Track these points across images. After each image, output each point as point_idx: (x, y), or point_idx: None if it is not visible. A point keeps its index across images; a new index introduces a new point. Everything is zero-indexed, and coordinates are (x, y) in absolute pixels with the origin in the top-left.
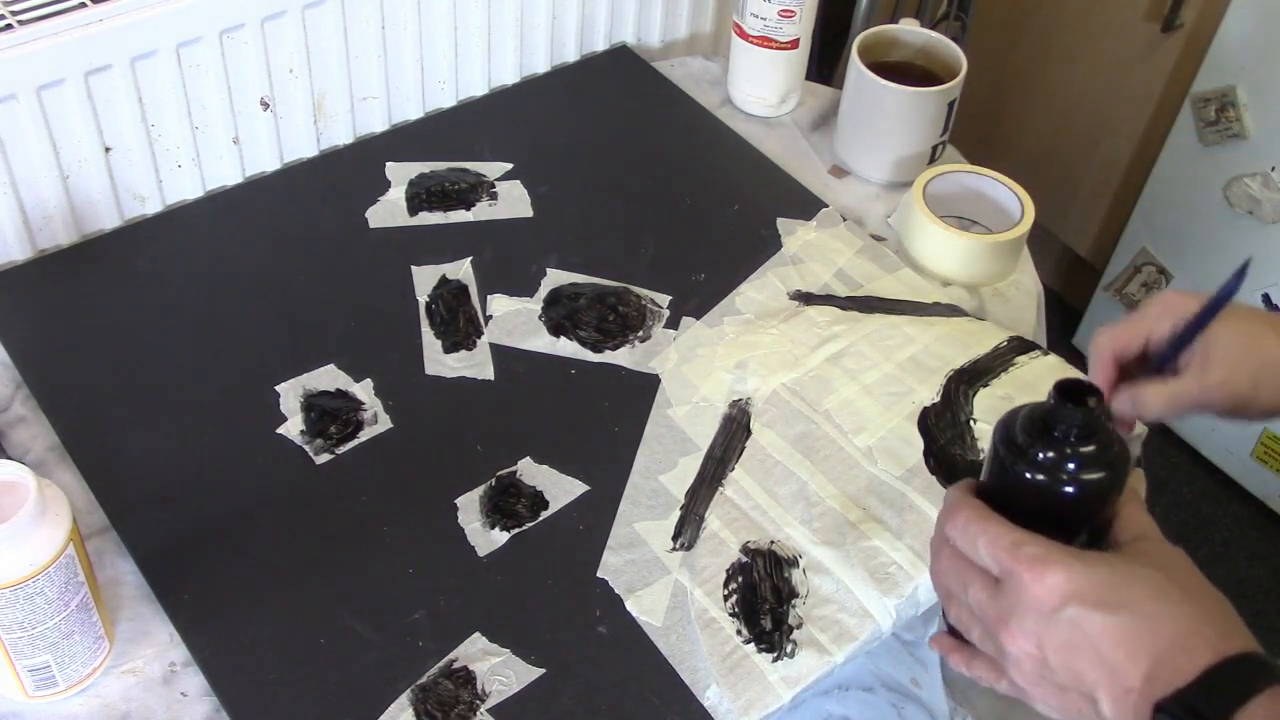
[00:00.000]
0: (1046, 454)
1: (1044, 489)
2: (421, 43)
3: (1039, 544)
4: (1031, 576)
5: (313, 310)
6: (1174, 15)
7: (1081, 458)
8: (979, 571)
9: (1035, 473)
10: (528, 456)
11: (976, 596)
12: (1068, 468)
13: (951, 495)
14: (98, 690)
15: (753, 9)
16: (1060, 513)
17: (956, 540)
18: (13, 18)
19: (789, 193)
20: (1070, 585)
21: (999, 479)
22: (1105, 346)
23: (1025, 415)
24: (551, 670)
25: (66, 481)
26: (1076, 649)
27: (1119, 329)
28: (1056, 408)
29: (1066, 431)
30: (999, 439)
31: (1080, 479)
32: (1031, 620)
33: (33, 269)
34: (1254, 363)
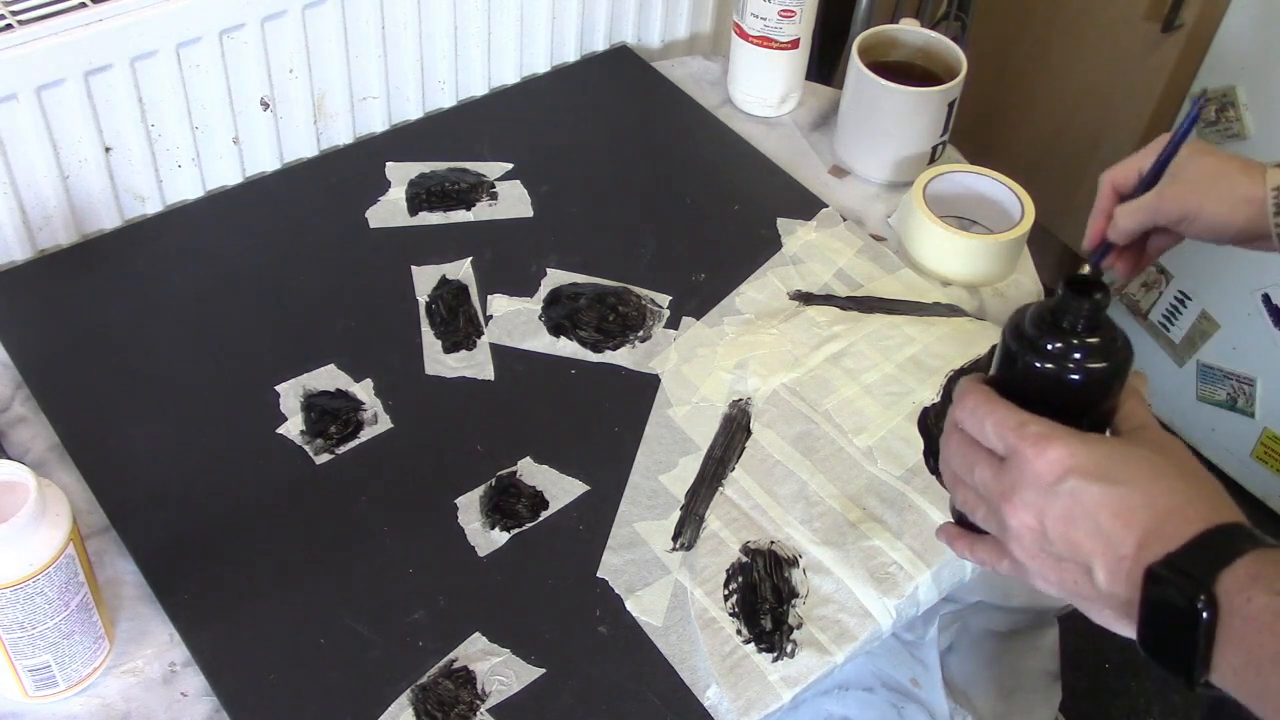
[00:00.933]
0: (1055, 344)
1: (1051, 376)
2: (421, 43)
3: (1043, 424)
4: (1034, 452)
5: (313, 310)
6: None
7: (1087, 347)
8: (985, 452)
9: (1044, 361)
10: (528, 456)
11: (982, 475)
12: (1074, 356)
13: (962, 384)
14: (98, 690)
15: (753, 9)
16: (1066, 399)
17: (965, 423)
18: (13, 18)
19: (789, 193)
20: (1071, 459)
21: (1008, 370)
22: (1106, 180)
23: (1034, 310)
24: (551, 670)
25: (66, 481)
26: (1074, 520)
27: (1117, 166)
28: (1065, 299)
29: (1074, 322)
30: (1009, 333)
31: (1086, 366)
32: (1033, 493)
33: (33, 269)
34: (1208, 183)
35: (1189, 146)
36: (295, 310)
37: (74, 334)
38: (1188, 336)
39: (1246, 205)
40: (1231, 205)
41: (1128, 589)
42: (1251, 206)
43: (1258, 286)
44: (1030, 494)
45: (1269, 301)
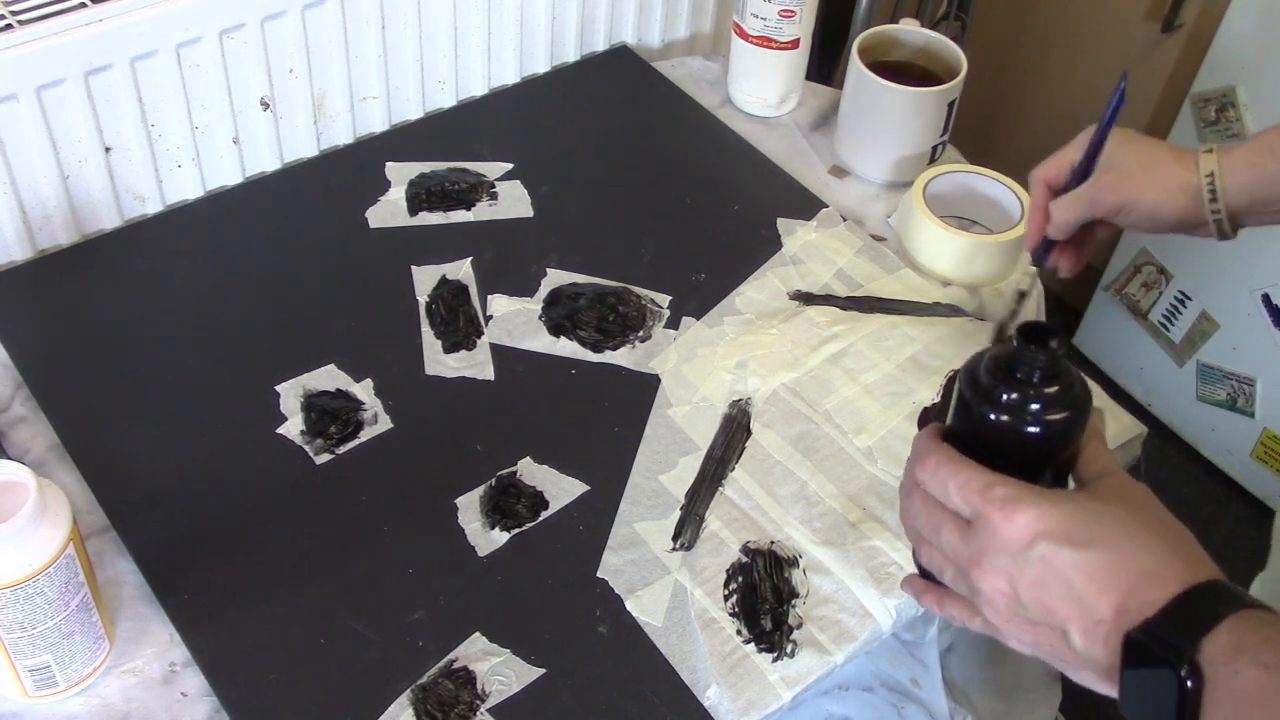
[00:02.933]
0: (1010, 395)
1: (1009, 430)
2: (421, 43)
3: (1009, 485)
4: (1002, 516)
5: (313, 310)
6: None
7: (1045, 398)
8: (950, 514)
9: (1000, 414)
10: (528, 456)
11: (949, 539)
12: (1031, 408)
13: (920, 441)
14: (98, 690)
15: (753, 9)
16: (1025, 452)
17: (928, 484)
18: (13, 18)
19: (789, 193)
20: (1040, 523)
21: (965, 421)
22: (1038, 174)
23: (990, 358)
24: (551, 670)
25: (66, 481)
26: (1047, 585)
27: (1047, 162)
28: (1019, 350)
29: (1030, 373)
30: (965, 382)
31: (1044, 419)
32: (1003, 558)
33: (33, 269)
34: (1143, 172)
35: (1116, 136)
36: (295, 310)
37: (74, 334)
38: (1188, 336)
39: (1182, 193)
40: (1168, 193)
41: (1106, 654)
42: (1187, 194)
43: (1258, 286)
44: (1000, 559)
45: (1269, 301)
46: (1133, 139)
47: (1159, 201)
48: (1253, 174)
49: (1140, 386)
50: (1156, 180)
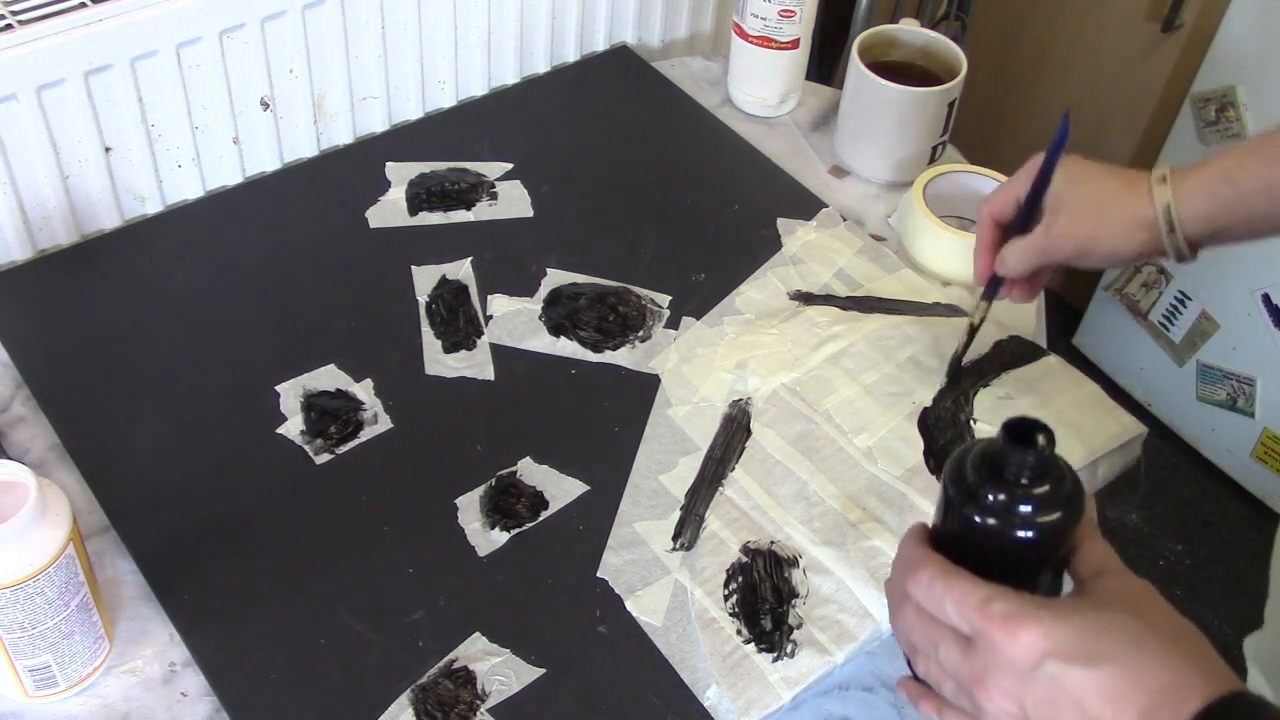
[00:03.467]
0: (999, 497)
1: (1000, 534)
2: (421, 43)
3: (1008, 599)
4: (1004, 635)
5: (313, 310)
6: (1174, 15)
7: (1036, 500)
8: (948, 629)
9: (989, 517)
10: (528, 456)
11: (948, 655)
12: (1022, 511)
13: (908, 550)
14: (98, 690)
15: (753, 9)
16: (1018, 556)
17: (921, 600)
18: (13, 18)
19: (789, 193)
20: (1046, 641)
21: (953, 523)
22: (984, 211)
23: (975, 456)
24: (551, 670)
25: (66, 481)
26: (1059, 705)
27: (994, 194)
28: (1006, 451)
29: (1018, 474)
30: (950, 482)
31: (1036, 522)
32: (1009, 679)
33: (33, 269)
34: (1095, 212)
35: (1063, 170)
36: (295, 310)
37: (74, 334)
38: (1188, 336)
39: (1139, 229)
40: (1125, 231)
41: None
42: (1144, 229)
43: (1258, 286)
44: (1006, 679)
45: (1269, 301)
46: (1080, 174)
47: (1116, 243)
48: (1211, 202)
49: (1140, 386)
50: (1111, 220)
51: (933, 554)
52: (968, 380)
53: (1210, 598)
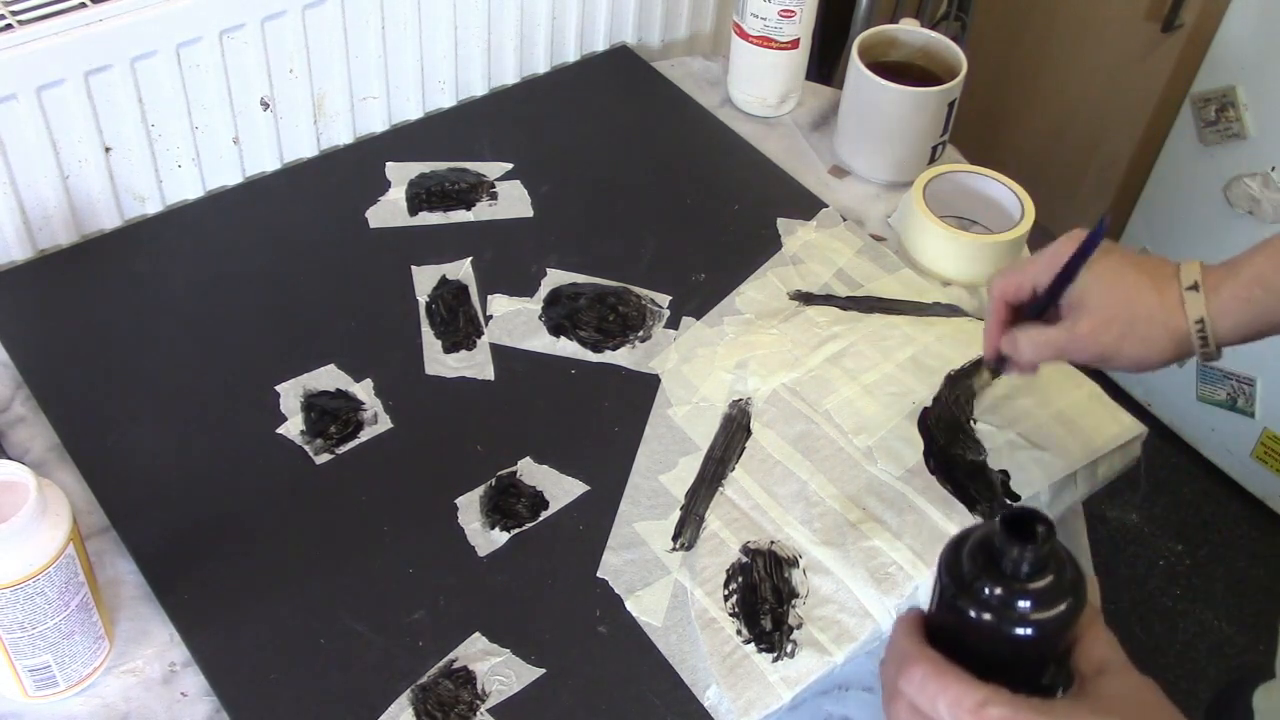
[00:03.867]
0: (995, 591)
1: (996, 630)
2: (421, 43)
3: (1003, 703)
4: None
5: (313, 310)
6: (1174, 15)
7: (1034, 595)
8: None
9: (985, 612)
10: (528, 456)
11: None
12: (1019, 607)
13: (902, 642)
14: (98, 690)
15: (753, 9)
16: (1016, 653)
17: (914, 698)
18: (13, 18)
19: (789, 193)
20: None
21: (948, 615)
22: (996, 290)
23: (972, 544)
24: (551, 670)
25: (66, 481)
26: None
27: (1010, 274)
28: (1003, 545)
29: (1015, 568)
30: (945, 571)
31: (1034, 619)
32: None
33: (33, 269)
34: (1123, 319)
35: (1090, 265)
36: (295, 310)
37: (74, 334)
38: None
39: (1170, 342)
40: (1154, 344)
41: None
42: (1174, 341)
43: None
44: None
45: None
46: (1109, 276)
47: (1143, 354)
48: (1248, 310)
49: (1140, 386)
50: (1140, 333)
51: (927, 650)
52: (968, 380)
53: (1210, 598)
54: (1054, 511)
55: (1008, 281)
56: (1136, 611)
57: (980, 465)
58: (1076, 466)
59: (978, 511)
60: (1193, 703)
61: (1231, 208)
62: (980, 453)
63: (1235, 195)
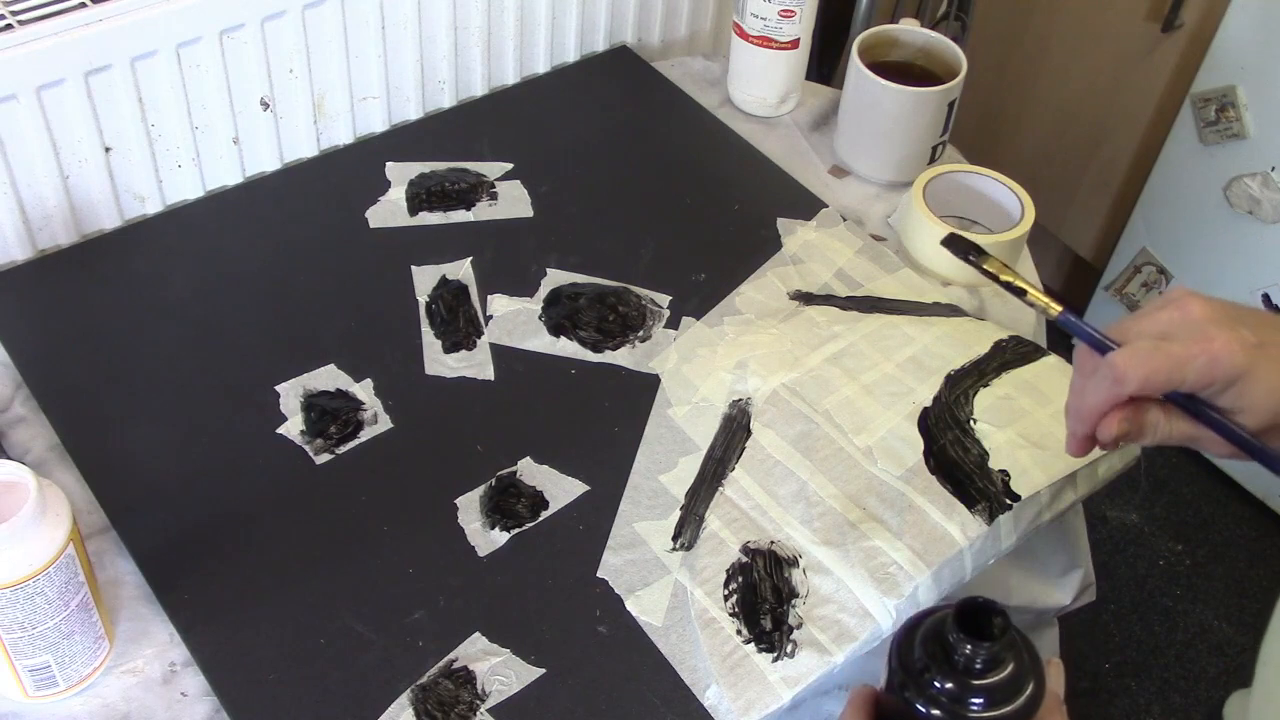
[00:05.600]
0: (945, 686)
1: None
2: (421, 43)
3: None
4: None
5: (313, 310)
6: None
7: (986, 691)
8: None
9: (933, 707)
10: (528, 456)
11: None
12: (972, 704)
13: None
14: (98, 690)
15: (753, 9)
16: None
17: None
18: (13, 18)
19: (789, 193)
20: None
21: (898, 701)
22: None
23: (925, 630)
24: (551, 670)
25: (66, 481)
26: None
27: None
28: (955, 640)
29: (969, 664)
30: (895, 654)
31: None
32: None
33: (33, 269)
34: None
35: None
36: (295, 310)
37: (74, 334)
38: None
39: None
40: None
41: None
42: None
43: (1258, 286)
44: None
45: (1269, 301)
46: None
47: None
48: None
49: None
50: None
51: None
52: (968, 380)
53: (1210, 598)
54: (1054, 511)
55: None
56: (1137, 611)
57: (980, 465)
58: (1076, 466)
59: (977, 511)
60: (1193, 702)
61: (1231, 208)
62: (980, 453)
63: (1235, 195)
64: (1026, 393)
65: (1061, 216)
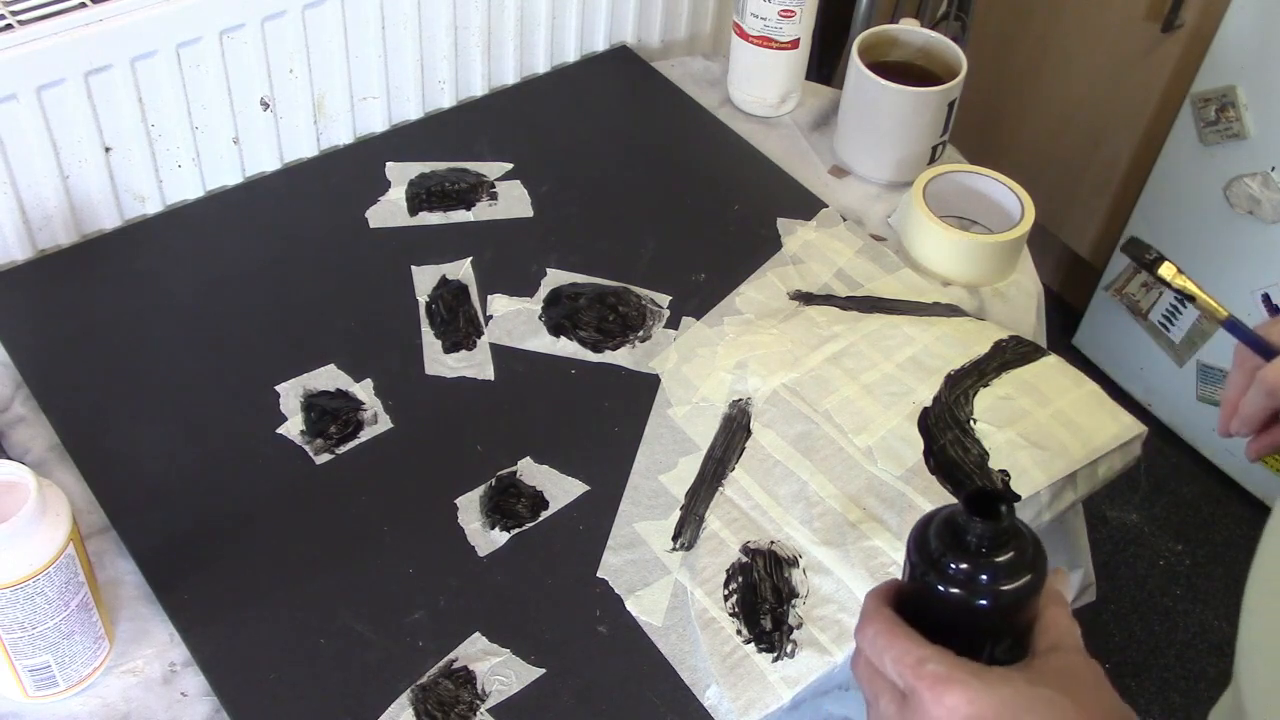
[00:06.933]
0: (958, 565)
1: (957, 601)
2: (421, 43)
3: (942, 661)
4: (932, 696)
5: (313, 310)
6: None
7: (995, 568)
8: (889, 683)
9: (948, 585)
10: (528, 456)
11: (886, 709)
12: (980, 579)
13: (866, 603)
14: (98, 690)
15: (753, 9)
16: (974, 622)
17: (866, 652)
18: (13, 18)
19: (789, 193)
20: (969, 707)
21: (914, 585)
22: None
23: (939, 522)
24: (551, 670)
25: (66, 481)
26: None
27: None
28: (966, 520)
29: (978, 542)
30: (912, 545)
31: (994, 589)
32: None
33: (33, 269)
34: None
35: None
36: (295, 310)
37: (74, 334)
38: (1188, 336)
39: None
40: None
41: None
42: None
43: (1258, 286)
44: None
45: (1269, 301)
46: None
47: None
48: None
49: (1140, 386)
50: None
51: (884, 610)
52: (968, 380)
53: (1210, 598)
54: (1054, 511)
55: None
56: (1137, 611)
57: (980, 465)
58: (1076, 466)
59: None
60: (1193, 702)
61: (1231, 208)
62: (980, 453)
63: (1235, 195)
64: (1026, 393)
65: (1061, 216)
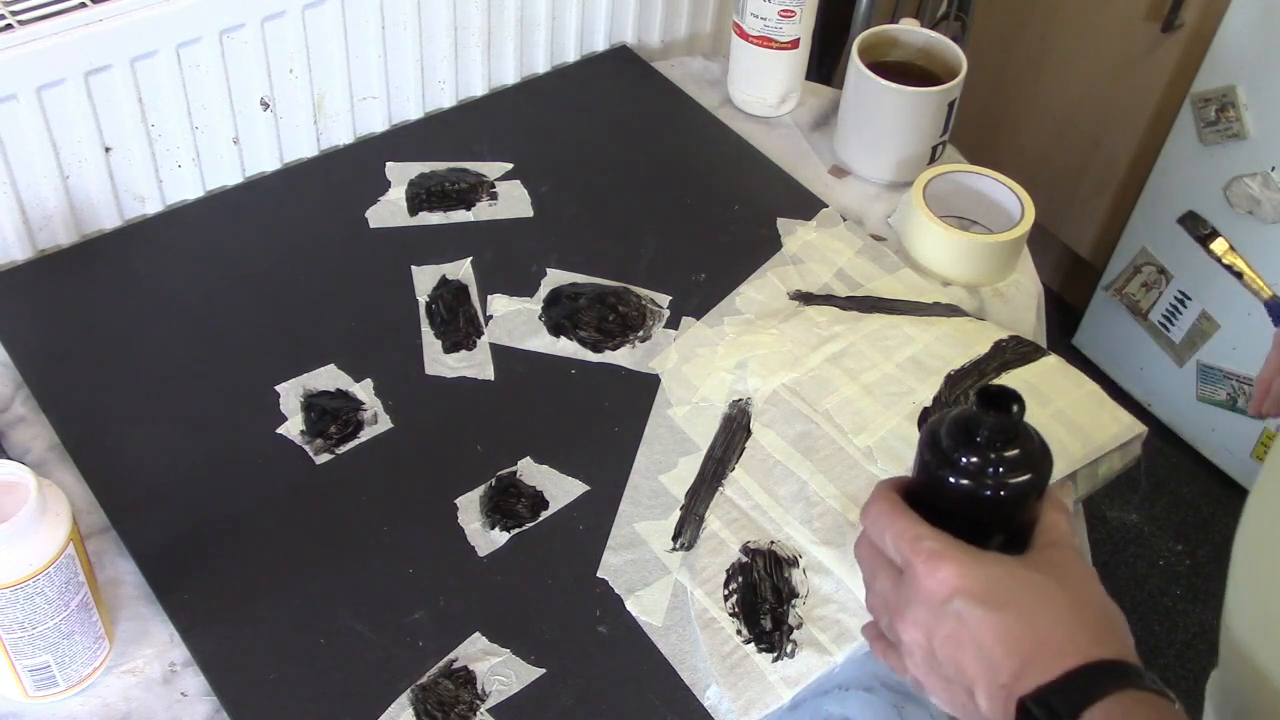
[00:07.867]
0: (969, 458)
1: (965, 492)
2: (421, 43)
3: (939, 540)
4: (926, 569)
5: (313, 310)
6: (1174, 15)
7: (1003, 462)
8: (886, 561)
9: (958, 476)
10: (528, 456)
11: (882, 585)
12: (989, 471)
13: (875, 489)
14: (98, 690)
15: (753, 9)
16: (980, 513)
17: (869, 530)
18: (13, 18)
19: (789, 193)
20: (960, 580)
21: (924, 478)
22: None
23: (951, 419)
24: (551, 670)
25: (66, 481)
26: (960, 642)
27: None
28: (978, 414)
29: (989, 437)
30: (924, 441)
31: (1001, 481)
32: (923, 610)
33: (33, 269)
34: None
35: None
36: (295, 310)
37: (74, 334)
38: (1188, 336)
39: None
40: None
41: (1005, 718)
42: None
43: None
44: (920, 611)
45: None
46: None
47: None
48: None
49: (1140, 386)
50: None
51: (889, 493)
52: (968, 380)
53: (1210, 598)
54: None
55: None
56: (1137, 611)
57: None
58: (1076, 466)
59: None
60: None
61: (1232, 208)
62: None
63: (1235, 195)
64: (1026, 393)
65: (1061, 216)
